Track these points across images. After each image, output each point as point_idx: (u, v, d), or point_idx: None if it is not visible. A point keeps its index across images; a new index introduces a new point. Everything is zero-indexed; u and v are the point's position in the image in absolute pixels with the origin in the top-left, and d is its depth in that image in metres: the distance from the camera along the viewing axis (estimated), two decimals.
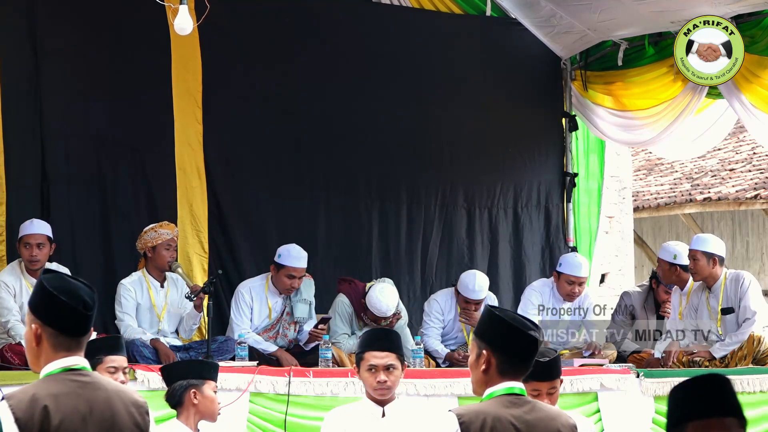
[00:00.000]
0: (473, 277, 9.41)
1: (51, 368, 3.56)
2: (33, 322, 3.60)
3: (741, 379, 8.96)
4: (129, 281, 8.55)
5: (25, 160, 8.97)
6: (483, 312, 3.96)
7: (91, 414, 3.52)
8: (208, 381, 5.94)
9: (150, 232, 8.63)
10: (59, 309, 3.56)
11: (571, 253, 10.10)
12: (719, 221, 17.92)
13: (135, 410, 3.63)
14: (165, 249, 8.60)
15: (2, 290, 8.24)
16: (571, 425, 3.88)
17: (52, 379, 3.55)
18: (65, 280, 3.63)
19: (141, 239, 8.67)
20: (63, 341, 3.57)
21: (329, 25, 10.33)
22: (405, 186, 10.70)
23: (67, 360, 3.57)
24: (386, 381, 5.51)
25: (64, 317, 3.57)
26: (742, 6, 10.06)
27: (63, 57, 9.16)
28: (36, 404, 3.44)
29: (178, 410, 5.96)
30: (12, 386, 7.03)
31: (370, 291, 9.01)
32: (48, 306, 3.58)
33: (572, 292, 9.49)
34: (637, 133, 11.03)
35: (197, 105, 9.63)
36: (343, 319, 9.13)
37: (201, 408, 5.89)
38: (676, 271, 9.55)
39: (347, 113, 10.40)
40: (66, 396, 3.50)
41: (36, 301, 3.63)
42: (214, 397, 5.95)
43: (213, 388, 5.96)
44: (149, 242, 8.61)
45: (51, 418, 3.44)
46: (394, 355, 5.51)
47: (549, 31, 11.05)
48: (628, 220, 13.25)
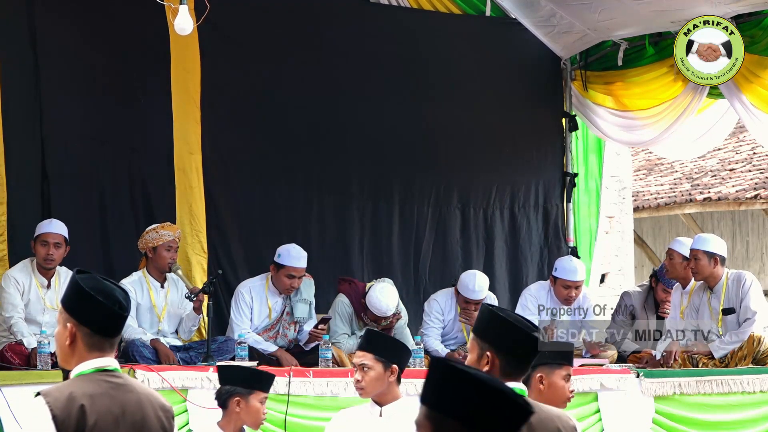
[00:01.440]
0: (473, 277, 9.41)
1: (84, 368, 3.59)
2: (68, 321, 3.61)
3: (741, 379, 8.97)
4: (129, 281, 8.55)
5: (25, 160, 8.96)
6: (482, 312, 3.94)
7: (124, 416, 3.55)
8: (256, 392, 5.94)
9: (151, 233, 8.63)
10: (96, 309, 3.59)
11: (567, 257, 10.04)
12: (719, 221, 17.92)
13: (162, 414, 3.68)
14: (165, 250, 8.60)
15: (11, 286, 8.26)
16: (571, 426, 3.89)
17: (87, 379, 3.57)
18: (100, 280, 3.65)
19: (142, 239, 8.67)
20: (97, 341, 3.60)
21: (328, 25, 10.32)
22: (398, 186, 10.69)
23: (100, 360, 3.60)
24: (359, 381, 5.52)
25: (100, 317, 3.60)
26: (742, 6, 10.06)
27: (63, 57, 9.16)
28: (73, 403, 3.47)
29: (223, 412, 5.98)
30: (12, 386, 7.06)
31: (370, 291, 9.02)
32: (85, 306, 3.60)
33: (569, 296, 9.48)
34: (638, 133, 11.03)
35: (196, 105, 9.63)
36: (343, 319, 9.13)
37: (243, 416, 5.92)
38: (688, 265, 9.48)
39: (347, 113, 10.40)
40: (101, 397, 3.53)
41: (72, 300, 3.64)
42: (260, 407, 5.96)
43: (260, 399, 5.97)
44: (150, 242, 8.61)
45: (87, 417, 3.47)
46: (370, 355, 5.50)
47: (549, 31, 11.05)
48: (628, 220, 13.26)
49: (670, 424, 8.82)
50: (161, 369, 7.63)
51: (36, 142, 9.03)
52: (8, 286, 8.25)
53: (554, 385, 5.12)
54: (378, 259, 10.50)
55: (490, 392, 2.51)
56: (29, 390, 3.43)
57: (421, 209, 10.79)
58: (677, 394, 8.87)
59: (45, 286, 8.31)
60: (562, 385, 5.14)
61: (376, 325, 8.94)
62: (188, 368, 7.80)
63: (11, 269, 8.42)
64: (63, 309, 3.65)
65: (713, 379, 8.96)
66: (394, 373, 5.51)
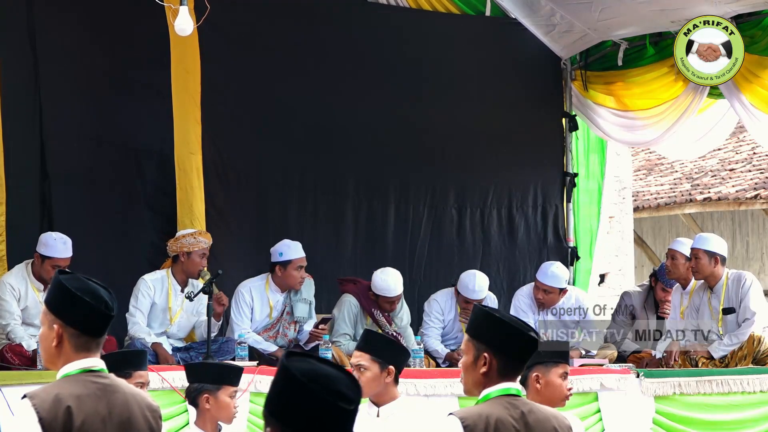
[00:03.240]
0: (473, 277, 9.42)
1: (71, 368, 3.58)
2: (54, 323, 3.59)
3: (741, 379, 8.97)
4: (151, 279, 8.55)
5: (25, 160, 8.96)
6: (477, 313, 3.94)
7: (111, 416, 3.54)
8: (224, 386, 5.88)
9: (189, 237, 8.60)
10: (83, 310, 3.57)
11: (549, 262, 9.99)
12: (719, 221, 17.92)
13: (150, 414, 3.67)
14: (199, 257, 8.60)
15: (7, 293, 8.21)
16: (566, 426, 3.89)
17: (73, 380, 3.56)
18: (85, 281, 3.63)
19: (177, 242, 8.63)
20: (84, 342, 3.59)
21: (327, 25, 10.33)
22: (394, 186, 10.69)
23: (87, 361, 3.59)
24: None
25: (87, 318, 3.58)
26: (742, 6, 10.06)
27: (63, 57, 9.15)
28: (60, 404, 3.46)
29: (197, 411, 5.95)
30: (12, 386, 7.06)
31: (373, 278, 9.12)
32: (71, 306, 3.57)
33: (539, 299, 9.47)
34: (640, 133, 11.03)
35: (196, 105, 9.63)
36: (348, 320, 9.13)
37: (214, 412, 5.86)
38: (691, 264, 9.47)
39: (346, 113, 10.40)
40: (87, 397, 3.52)
41: (58, 301, 3.61)
42: (230, 402, 5.87)
43: (229, 394, 5.87)
44: (186, 247, 8.58)
45: (74, 418, 3.46)
46: (367, 355, 5.50)
47: (549, 30, 11.05)
48: (628, 220, 13.26)
49: (670, 424, 8.83)
50: (161, 369, 7.63)
51: (36, 142, 9.02)
52: (4, 294, 8.20)
53: (551, 383, 5.13)
54: (373, 259, 10.49)
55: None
56: (29, 390, 3.45)
57: (417, 209, 10.79)
58: (677, 394, 8.87)
59: (42, 290, 8.28)
60: (559, 384, 5.15)
61: (389, 313, 9.06)
62: None
63: (6, 275, 8.35)
64: (48, 310, 3.62)
65: (713, 379, 8.96)
66: (391, 374, 5.51)
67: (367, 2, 10.72)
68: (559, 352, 5.25)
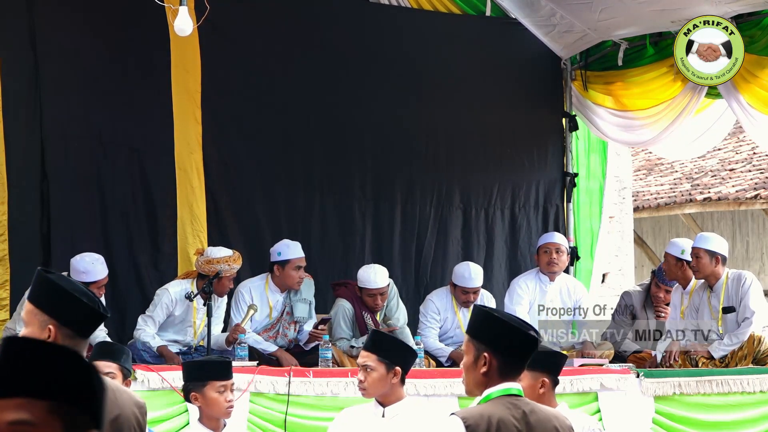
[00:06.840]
0: (467, 266, 9.46)
1: None
2: (48, 323, 3.51)
3: (741, 379, 8.97)
4: (176, 293, 8.53)
5: (25, 160, 8.96)
6: (477, 313, 3.95)
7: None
8: (210, 382, 5.79)
9: (223, 264, 8.50)
10: (79, 310, 3.52)
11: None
12: (719, 221, 17.92)
13: (137, 410, 3.68)
14: (229, 281, 8.62)
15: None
16: (567, 426, 3.90)
17: None
18: (73, 281, 3.62)
19: (210, 263, 8.50)
20: (77, 343, 3.55)
21: (328, 25, 10.33)
22: (400, 186, 10.70)
23: None
24: (362, 381, 5.56)
25: (83, 318, 3.55)
26: (742, 6, 10.06)
27: (63, 57, 9.16)
28: None
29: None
30: None
31: (359, 272, 9.14)
32: (68, 307, 3.51)
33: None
34: (637, 133, 11.03)
35: (196, 105, 9.63)
36: (345, 324, 9.13)
37: (205, 409, 5.80)
38: (682, 266, 9.52)
39: (346, 113, 10.41)
40: None
41: (51, 300, 3.54)
42: (217, 397, 5.69)
43: (217, 389, 5.74)
44: (218, 272, 8.49)
45: None
46: (374, 356, 5.52)
47: (549, 30, 11.05)
48: (628, 220, 13.26)
49: (670, 424, 8.82)
50: (161, 369, 7.63)
51: (36, 142, 9.02)
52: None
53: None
54: (379, 259, 10.49)
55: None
56: None
57: (423, 209, 10.80)
58: (677, 394, 8.87)
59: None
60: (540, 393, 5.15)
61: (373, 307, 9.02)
62: None
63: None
64: (39, 311, 3.54)
65: (713, 379, 8.96)
66: (398, 375, 5.53)
67: (369, 2, 10.73)
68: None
